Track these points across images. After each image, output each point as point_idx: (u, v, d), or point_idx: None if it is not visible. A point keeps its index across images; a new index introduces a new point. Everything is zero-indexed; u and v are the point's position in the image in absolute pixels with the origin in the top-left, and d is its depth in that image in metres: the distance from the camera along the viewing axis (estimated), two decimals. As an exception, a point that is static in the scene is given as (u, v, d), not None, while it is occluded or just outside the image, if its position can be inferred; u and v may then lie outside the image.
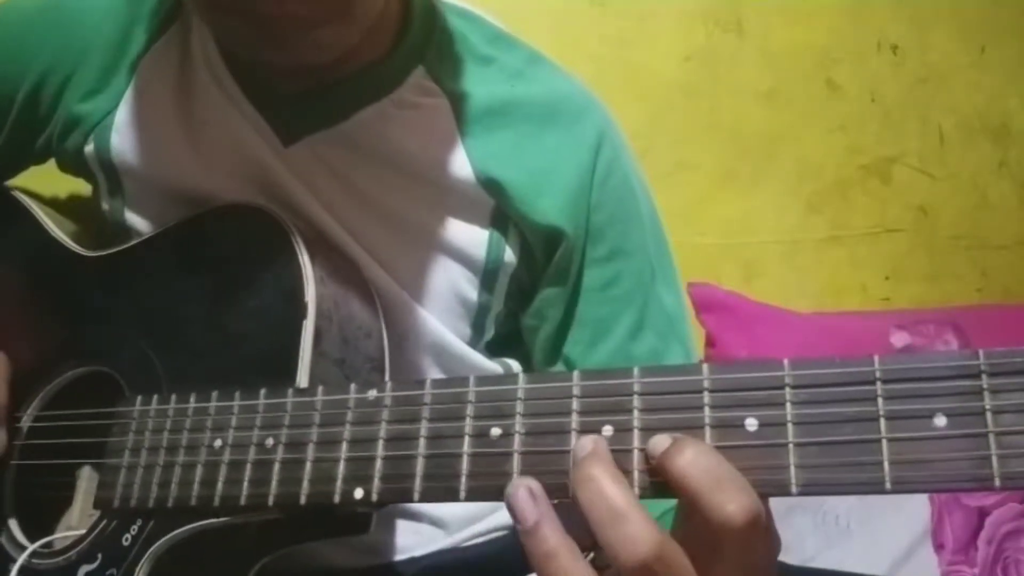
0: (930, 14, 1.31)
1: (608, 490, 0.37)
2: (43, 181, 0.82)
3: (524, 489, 0.39)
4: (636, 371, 0.41)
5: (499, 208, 0.68)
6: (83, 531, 0.60)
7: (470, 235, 0.68)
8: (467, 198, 0.68)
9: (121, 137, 0.69)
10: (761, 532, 0.36)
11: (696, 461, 0.36)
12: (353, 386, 0.48)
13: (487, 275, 0.69)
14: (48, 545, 0.62)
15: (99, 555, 0.58)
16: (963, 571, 1.04)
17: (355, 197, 0.67)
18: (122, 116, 0.69)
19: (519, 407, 0.43)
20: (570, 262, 0.70)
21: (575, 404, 0.41)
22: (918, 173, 1.30)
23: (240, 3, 0.54)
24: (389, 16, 0.66)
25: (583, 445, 0.39)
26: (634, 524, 0.36)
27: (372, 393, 0.47)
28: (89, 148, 0.70)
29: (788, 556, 0.87)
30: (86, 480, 0.67)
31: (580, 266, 0.70)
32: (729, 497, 0.35)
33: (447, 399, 0.45)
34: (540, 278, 0.71)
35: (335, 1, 0.55)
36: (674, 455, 0.37)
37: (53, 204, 0.82)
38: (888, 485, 0.35)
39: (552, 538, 0.37)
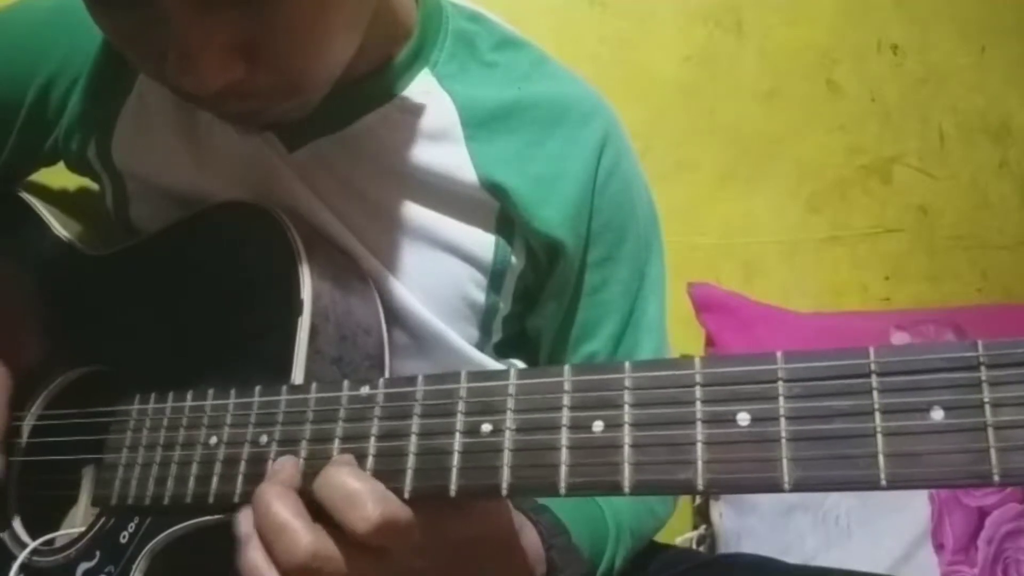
0: (930, 14, 1.31)
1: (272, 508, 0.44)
2: (54, 176, 0.82)
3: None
4: (627, 366, 0.40)
5: (504, 211, 0.68)
6: (83, 529, 0.60)
7: (476, 238, 0.68)
8: (472, 202, 0.67)
9: (124, 140, 0.69)
10: (401, 537, 0.43)
11: (325, 482, 0.44)
12: (346, 383, 0.48)
13: (494, 276, 0.69)
14: (49, 543, 0.62)
15: (97, 552, 0.58)
16: (963, 571, 1.04)
17: (359, 200, 0.67)
18: (125, 119, 0.69)
19: (510, 403, 0.42)
20: (570, 275, 0.70)
21: (566, 399, 0.41)
22: (918, 173, 1.30)
23: (193, 102, 0.56)
24: (396, 20, 0.65)
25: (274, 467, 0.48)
26: (290, 534, 0.43)
27: (364, 389, 0.47)
28: (92, 150, 0.70)
29: (788, 556, 0.87)
30: (90, 479, 0.67)
31: (580, 270, 0.70)
32: (354, 515, 0.42)
33: (439, 395, 0.45)
34: (545, 283, 0.71)
35: (278, 91, 0.55)
36: (319, 477, 0.44)
37: (62, 200, 0.82)
38: (883, 481, 0.34)
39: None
